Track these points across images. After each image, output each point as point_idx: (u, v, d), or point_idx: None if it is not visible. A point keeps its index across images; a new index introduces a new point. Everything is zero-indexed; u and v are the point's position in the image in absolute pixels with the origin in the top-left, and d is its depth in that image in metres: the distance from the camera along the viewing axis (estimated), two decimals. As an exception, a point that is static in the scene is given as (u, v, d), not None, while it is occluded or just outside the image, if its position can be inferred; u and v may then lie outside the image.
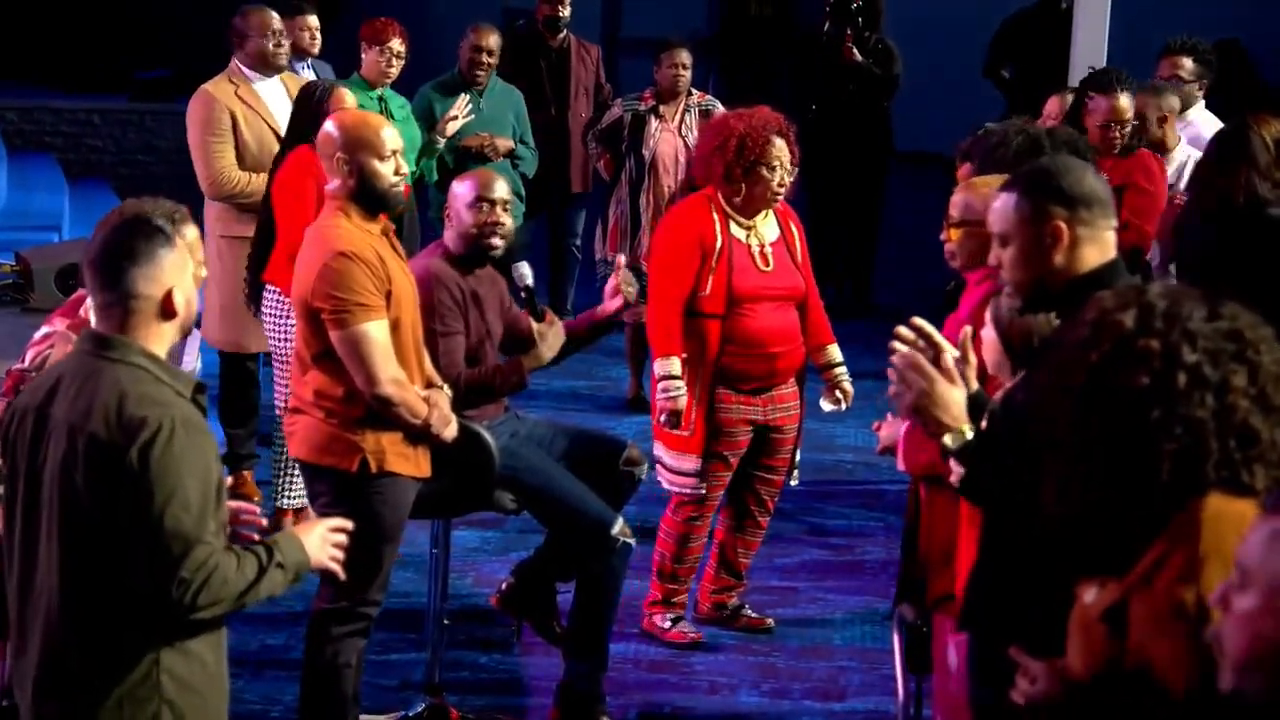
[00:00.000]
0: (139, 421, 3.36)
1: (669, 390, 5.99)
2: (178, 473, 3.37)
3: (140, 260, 3.46)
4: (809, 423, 9.10)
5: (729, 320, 6.03)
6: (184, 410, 3.43)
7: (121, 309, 3.47)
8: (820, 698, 5.98)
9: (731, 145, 6.00)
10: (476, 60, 9.06)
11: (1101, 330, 2.49)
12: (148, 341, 3.48)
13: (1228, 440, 2.41)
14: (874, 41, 10.82)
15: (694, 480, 6.12)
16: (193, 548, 3.39)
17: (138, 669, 3.46)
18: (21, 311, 8.18)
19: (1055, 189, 3.58)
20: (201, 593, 3.41)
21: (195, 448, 3.41)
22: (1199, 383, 2.42)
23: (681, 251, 6.02)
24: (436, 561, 5.70)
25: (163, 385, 3.44)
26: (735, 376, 6.08)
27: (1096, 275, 3.52)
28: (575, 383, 9.53)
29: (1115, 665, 2.45)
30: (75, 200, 11.46)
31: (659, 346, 6.03)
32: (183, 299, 3.50)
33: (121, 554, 3.40)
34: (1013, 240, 3.60)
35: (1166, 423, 2.42)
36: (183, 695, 3.50)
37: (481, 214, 5.51)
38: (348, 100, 6.63)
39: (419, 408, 5.00)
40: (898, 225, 12.25)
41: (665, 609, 6.31)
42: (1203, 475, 2.41)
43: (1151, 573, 2.42)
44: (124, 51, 14.73)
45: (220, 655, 3.61)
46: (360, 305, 4.89)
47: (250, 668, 5.99)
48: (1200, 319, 2.46)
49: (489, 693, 5.93)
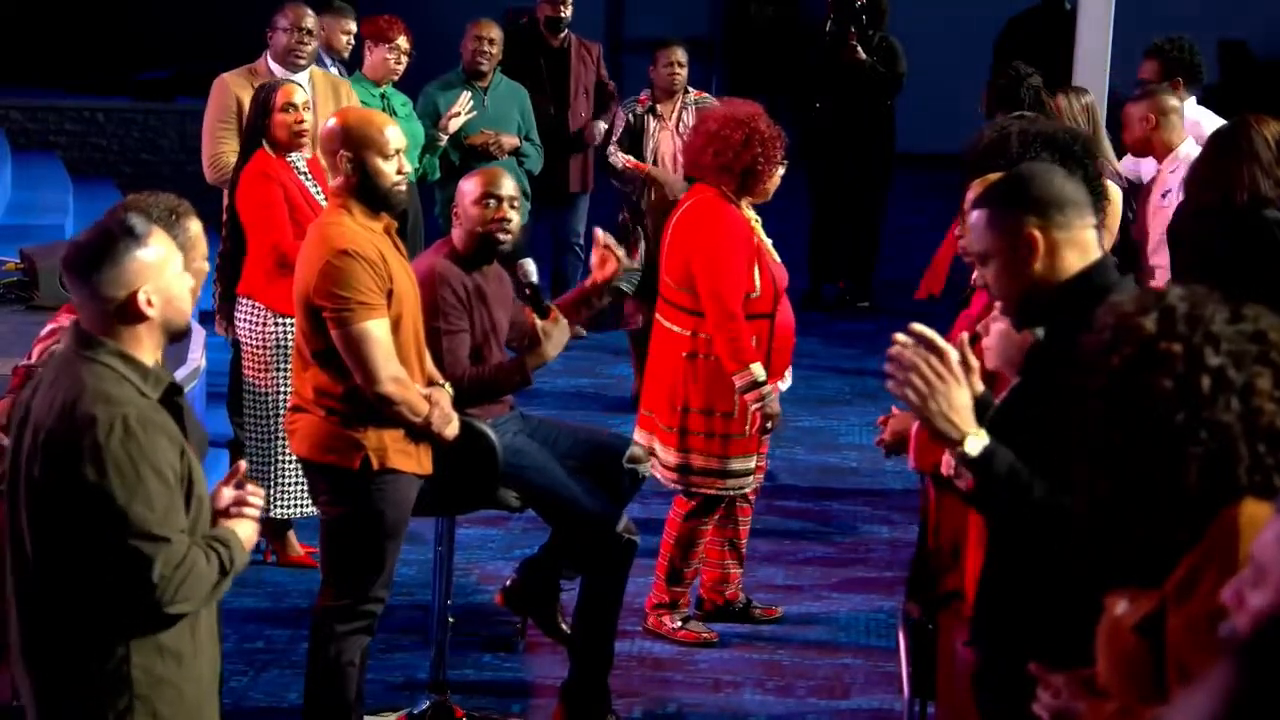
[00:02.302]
0: (89, 419, 3.38)
1: (762, 396, 5.98)
2: (135, 471, 3.38)
3: (103, 264, 3.47)
4: (813, 421, 9.16)
5: (775, 317, 6.07)
6: (140, 408, 3.43)
7: (91, 310, 3.50)
8: (825, 695, 5.98)
9: (756, 144, 6.02)
10: (479, 50, 9.08)
11: (1122, 334, 2.44)
12: (124, 340, 3.49)
13: (1257, 444, 2.37)
14: (878, 40, 10.82)
15: (750, 479, 6.18)
16: (163, 546, 3.40)
17: (108, 663, 3.48)
18: (26, 310, 8.17)
19: (1024, 197, 3.51)
20: (180, 590, 3.43)
21: (152, 445, 3.41)
22: (1223, 386, 2.38)
23: (736, 255, 6.01)
24: (441, 559, 5.71)
25: (124, 383, 3.44)
26: (773, 373, 6.11)
27: (1083, 278, 3.46)
28: (579, 381, 9.54)
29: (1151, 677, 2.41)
30: (80, 199, 11.46)
31: (740, 355, 5.97)
32: (158, 297, 3.49)
33: (85, 551, 3.42)
34: (992, 257, 3.54)
35: (1191, 427, 2.37)
36: (155, 689, 3.51)
37: (489, 211, 5.50)
38: (295, 96, 6.60)
39: (420, 406, 5.00)
40: (901, 224, 12.26)
41: (672, 611, 6.31)
42: (1235, 481, 2.38)
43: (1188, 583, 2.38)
44: (124, 52, 14.74)
45: (198, 648, 3.61)
46: (361, 303, 4.89)
47: (255, 666, 5.99)
48: (1223, 321, 2.42)
49: (493, 691, 5.92)
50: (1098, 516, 2.47)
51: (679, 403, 6.11)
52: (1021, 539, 3.41)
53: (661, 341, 6.20)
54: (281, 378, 6.57)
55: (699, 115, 7.04)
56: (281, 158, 6.55)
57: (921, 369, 3.33)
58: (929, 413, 3.32)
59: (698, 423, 6.08)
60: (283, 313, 6.50)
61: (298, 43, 7.55)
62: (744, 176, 6.07)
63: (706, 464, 6.10)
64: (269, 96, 6.57)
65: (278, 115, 6.53)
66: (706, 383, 6.05)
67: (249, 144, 6.66)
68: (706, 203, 6.13)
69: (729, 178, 6.08)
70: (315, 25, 7.67)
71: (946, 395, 3.32)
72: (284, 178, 6.52)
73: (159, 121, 13.33)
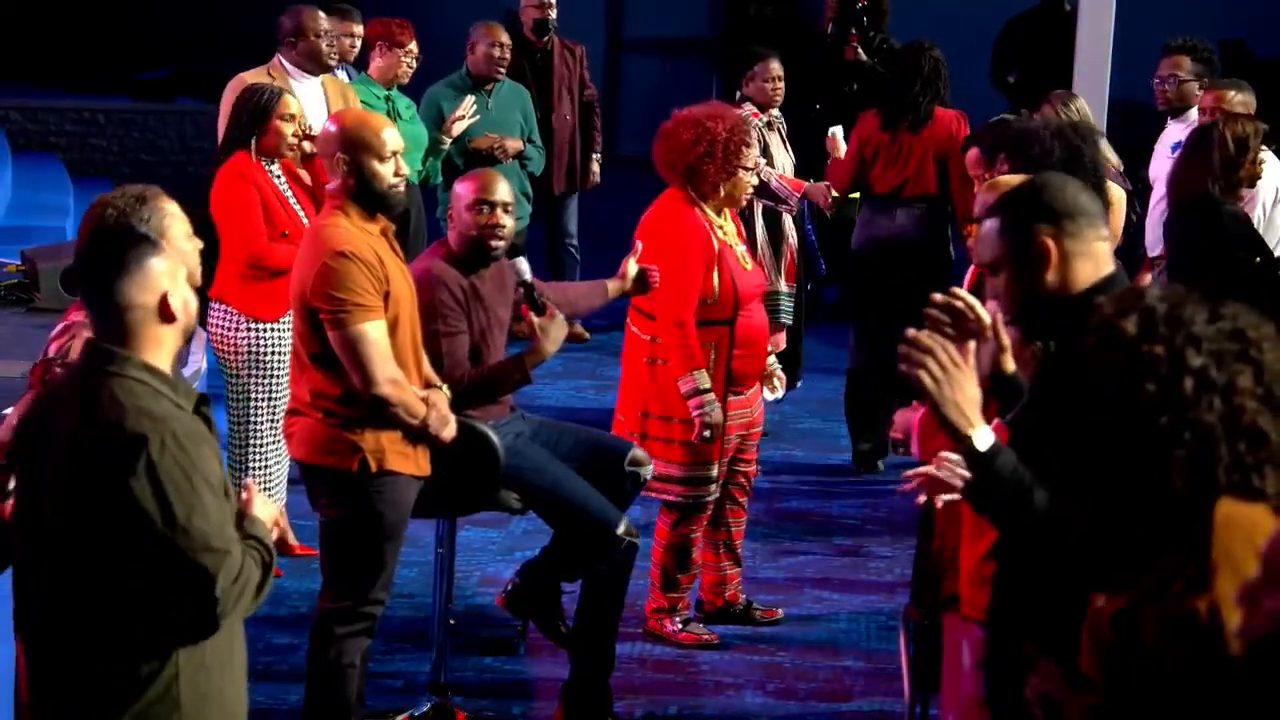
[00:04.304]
0: (139, 438, 3.31)
1: (703, 404, 5.95)
2: (190, 485, 3.33)
3: (128, 269, 3.41)
4: (813, 422, 9.16)
5: (734, 324, 6.03)
6: (185, 421, 3.39)
7: (118, 321, 3.42)
8: (826, 698, 5.97)
9: (717, 148, 5.99)
10: (496, 56, 9.08)
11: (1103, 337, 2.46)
12: (147, 351, 3.43)
13: (1237, 443, 2.39)
14: (878, 41, 10.82)
15: (712, 487, 6.13)
16: (224, 558, 3.36)
17: (157, 686, 3.41)
18: (27, 311, 8.18)
19: (1037, 206, 3.50)
20: (239, 600, 3.40)
21: (201, 457, 3.37)
22: (1206, 387, 2.38)
23: (690, 260, 5.98)
24: (441, 561, 5.70)
25: (161, 398, 3.39)
26: (738, 380, 6.08)
27: (1096, 291, 3.43)
28: (580, 382, 9.54)
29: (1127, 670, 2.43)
30: (80, 199, 11.45)
31: (685, 361, 5.96)
32: (179, 301, 3.46)
33: (143, 572, 3.35)
34: (1002, 266, 3.52)
35: (1176, 429, 2.39)
36: (201, 707, 3.46)
37: (481, 216, 5.49)
38: (292, 106, 6.59)
39: (417, 408, 5.00)
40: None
41: (672, 614, 6.31)
42: (1214, 480, 2.39)
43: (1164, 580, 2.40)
44: (124, 52, 14.74)
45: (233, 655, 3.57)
46: (358, 305, 4.88)
47: (255, 668, 5.98)
48: (1203, 321, 2.42)
49: (494, 693, 5.92)
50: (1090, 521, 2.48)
51: (639, 407, 6.10)
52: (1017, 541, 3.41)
53: (629, 345, 6.20)
54: (254, 383, 6.55)
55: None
56: (259, 162, 6.52)
57: (939, 354, 3.28)
58: (941, 399, 3.28)
59: (657, 428, 6.06)
60: (255, 317, 6.49)
61: (328, 47, 7.60)
62: (688, 175, 6.03)
63: (665, 470, 6.04)
64: (271, 101, 6.52)
65: (277, 122, 6.49)
66: (665, 388, 6.03)
67: (233, 144, 6.59)
68: (665, 205, 6.13)
69: (675, 176, 6.07)
70: (332, 26, 7.70)
71: (960, 384, 3.28)
72: (260, 180, 6.49)
73: (159, 122, 13.33)
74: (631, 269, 5.92)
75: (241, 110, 6.58)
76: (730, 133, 6.01)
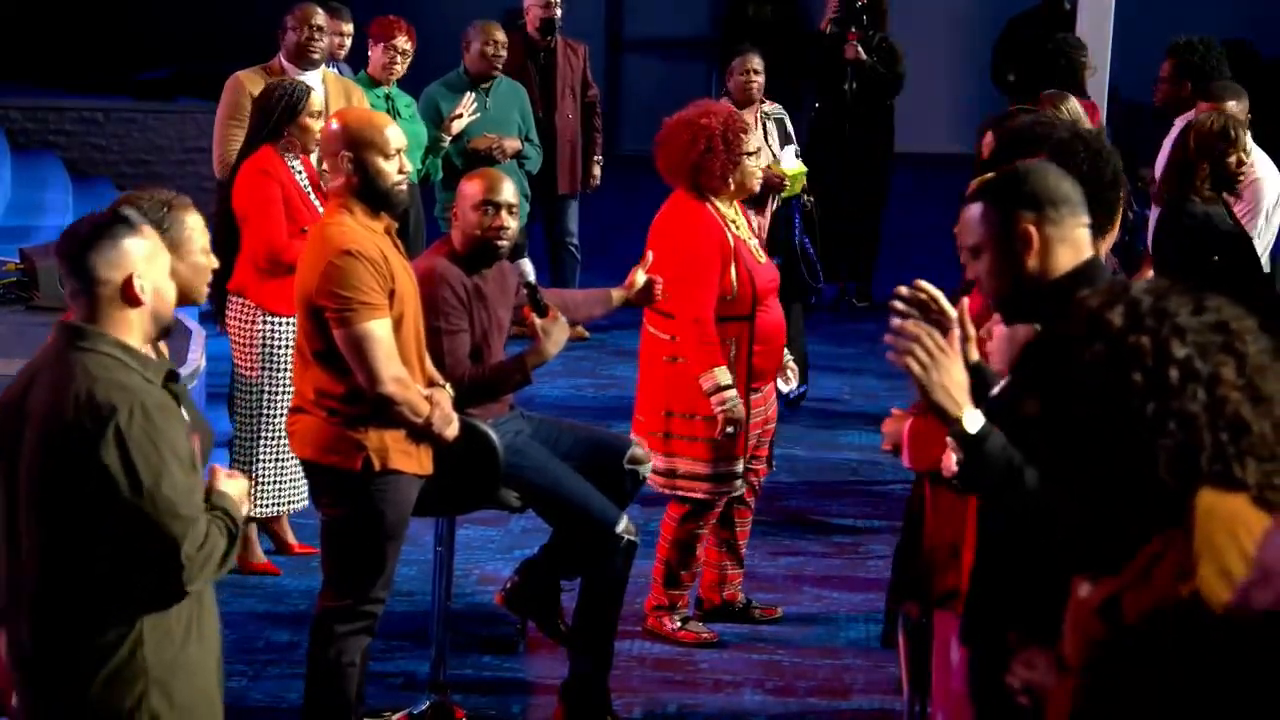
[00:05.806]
0: (109, 407, 3.41)
1: (725, 400, 5.96)
2: (159, 454, 3.42)
3: (98, 245, 3.50)
4: (812, 421, 9.16)
5: (754, 319, 6.05)
6: (154, 394, 3.49)
7: (86, 296, 3.53)
8: (825, 696, 5.98)
9: (717, 141, 6.00)
10: (491, 55, 9.09)
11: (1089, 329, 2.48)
12: (117, 329, 3.52)
13: (1220, 433, 2.42)
14: (878, 40, 10.83)
15: (738, 483, 6.14)
16: (190, 525, 3.46)
17: (121, 652, 3.50)
18: (26, 310, 8.16)
19: (1020, 192, 3.57)
20: (204, 568, 3.49)
21: (169, 428, 3.46)
22: (1190, 377, 2.42)
23: (706, 257, 5.99)
24: (441, 560, 5.71)
25: (131, 371, 3.49)
26: (758, 375, 6.09)
27: (1075, 276, 3.50)
28: (580, 381, 9.54)
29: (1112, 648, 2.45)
30: (79, 199, 11.45)
31: (705, 359, 5.96)
32: (149, 286, 3.54)
33: (109, 538, 3.44)
34: (984, 250, 3.59)
35: (1161, 418, 2.41)
36: (168, 672, 3.54)
37: (486, 217, 5.50)
38: (318, 103, 6.59)
39: (421, 406, 5.00)
40: (900, 224, 12.26)
41: (671, 612, 6.31)
42: (1197, 469, 2.42)
43: (1147, 569, 2.42)
44: (124, 52, 14.74)
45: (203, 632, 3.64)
46: (364, 304, 4.89)
47: (255, 666, 5.99)
48: (1187, 313, 2.46)
49: (493, 691, 5.92)
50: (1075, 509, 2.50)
51: (662, 407, 6.10)
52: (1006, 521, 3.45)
53: (646, 345, 6.20)
54: (268, 376, 6.55)
55: None
56: (283, 158, 6.54)
57: (924, 341, 3.38)
58: (929, 384, 3.38)
59: (681, 427, 6.07)
60: (272, 311, 6.49)
61: (308, 40, 7.57)
62: (694, 174, 6.05)
63: (692, 468, 6.07)
64: (301, 99, 6.51)
65: (306, 119, 6.49)
66: (688, 387, 6.03)
67: (258, 139, 6.60)
68: (676, 205, 6.15)
69: (681, 179, 6.09)
70: (325, 22, 7.69)
71: (947, 369, 3.38)
72: (283, 177, 6.51)
73: (159, 121, 13.32)
74: (639, 278, 5.92)
75: (271, 106, 6.56)
76: (725, 124, 6.05)
